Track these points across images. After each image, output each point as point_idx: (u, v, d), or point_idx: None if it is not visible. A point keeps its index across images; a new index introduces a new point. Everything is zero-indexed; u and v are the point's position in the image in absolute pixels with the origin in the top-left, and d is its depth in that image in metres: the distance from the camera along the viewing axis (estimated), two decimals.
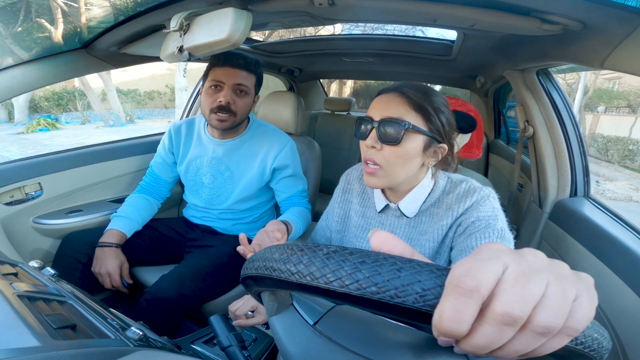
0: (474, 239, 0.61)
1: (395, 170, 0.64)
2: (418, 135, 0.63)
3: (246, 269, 0.34)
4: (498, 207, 0.66)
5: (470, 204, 0.65)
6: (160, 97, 12.63)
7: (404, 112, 0.62)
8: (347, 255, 0.25)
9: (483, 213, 0.63)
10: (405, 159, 0.63)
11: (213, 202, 1.22)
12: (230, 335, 0.55)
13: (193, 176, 1.21)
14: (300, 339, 0.37)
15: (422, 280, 0.22)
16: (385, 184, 0.67)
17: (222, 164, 1.17)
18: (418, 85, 0.65)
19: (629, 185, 7.53)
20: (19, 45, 0.89)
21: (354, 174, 0.84)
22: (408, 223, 0.72)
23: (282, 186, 1.21)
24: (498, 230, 0.61)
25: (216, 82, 1.05)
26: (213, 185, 1.19)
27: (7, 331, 0.30)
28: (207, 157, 1.18)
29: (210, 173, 1.19)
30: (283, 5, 0.78)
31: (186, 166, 1.22)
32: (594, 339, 0.23)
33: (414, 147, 0.63)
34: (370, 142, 0.64)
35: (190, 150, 1.21)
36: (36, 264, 0.53)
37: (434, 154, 0.66)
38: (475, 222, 0.63)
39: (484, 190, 0.67)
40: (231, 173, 1.18)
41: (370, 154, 0.65)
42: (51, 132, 8.82)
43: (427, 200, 0.70)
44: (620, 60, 0.61)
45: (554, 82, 1.15)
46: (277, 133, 1.22)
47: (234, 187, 1.18)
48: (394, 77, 2.30)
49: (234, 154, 1.17)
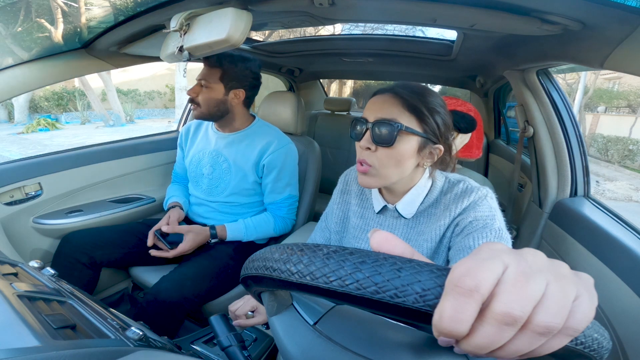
0: (472, 239, 0.61)
1: (388, 171, 0.64)
2: (412, 136, 0.62)
3: (246, 269, 0.34)
4: (496, 206, 0.66)
5: (468, 204, 0.65)
6: (160, 97, 12.63)
7: (397, 113, 0.62)
8: (347, 255, 0.25)
9: (480, 213, 0.63)
10: (398, 160, 0.63)
11: (212, 192, 1.24)
12: (230, 335, 0.55)
13: (195, 167, 1.26)
14: (300, 339, 0.37)
15: (422, 280, 0.22)
16: (379, 184, 0.67)
17: (222, 155, 1.21)
18: (413, 86, 0.65)
19: (629, 185, 7.53)
20: (19, 45, 0.89)
21: (352, 175, 0.84)
22: (406, 224, 0.72)
23: (268, 189, 1.22)
24: (496, 230, 0.61)
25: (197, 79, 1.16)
26: (212, 175, 1.23)
27: (7, 331, 0.30)
28: (209, 149, 1.24)
29: (210, 164, 1.23)
30: (283, 5, 0.78)
31: (191, 159, 1.28)
32: (594, 339, 0.23)
33: (407, 149, 0.62)
34: (364, 144, 0.64)
35: (196, 144, 1.29)
36: (36, 264, 0.53)
37: (430, 155, 0.66)
38: (473, 222, 0.63)
39: (481, 190, 0.66)
40: (229, 165, 1.20)
41: (364, 155, 0.65)
42: (51, 132, 8.82)
43: (425, 200, 0.70)
44: (620, 60, 0.61)
45: (554, 82, 1.15)
46: (279, 134, 1.25)
47: (231, 179, 1.21)
48: (394, 77, 2.30)
49: (233, 146, 1.21)
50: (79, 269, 1.05)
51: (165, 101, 12.65)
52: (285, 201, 1.24)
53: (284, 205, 1.24)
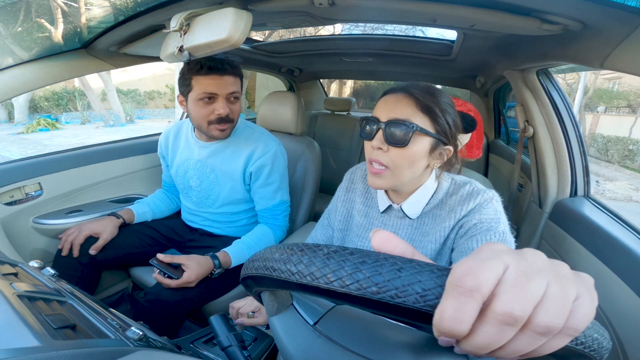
0: (475, 241, 0.61)
1: (402, 172, 0.64)
2: (425, 137, 0.62)
3: (246, 269, 0.34)
4: (501, 210, 0.65)
5: (473, 207, 0.65)
6: (160, 97, 12.62)
7: (411, 113, 0.61)
8: (347, 255, 0.25)
9: (485, 216, 0.63)
10: (412, 161, 0.63)
11: (202, 204, 1.21)
12: (230, 335, 0.55)
13: (182, 179, 1.21)
14: (300, 339, 0.37)
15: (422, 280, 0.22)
16: (390, 185, 0.66)
17: (207, 166, 1.15)
18: (425, 86, 0.65)
19: (629, 185, 7.53)
20: (19, 45, 0.89)
21: (358, 174, 0.83)
22: (411, 224, 0.72)
23: (258, 196, 1.16)
24: (500, 233, 0.61)
25: (209, 94, 1.00)
26: (200, 187, 1.18)
27: (7, 331, 0.30)
28: (193, 160, 1.17)
29: (197, 176, 1.17)
30: (283, 5, 0.78)
31: (176, 169, 1.22)
32: (594, 339, 0.23)
33: (420, 149, 0.62)
34: (376, 144, 0.63)
35: (178, 153, 1.21)
36: (36, 264, 0.53)
37: (440, 156, 0.66)
38: (477, 225, 0.63)
39: (487, 193, 0.66)
40: (216, 176, 1.15)
41: (376, 155, 0.64)
42: (51, 132, 8.81)
43: (431, 201, 0.70)
44: (620, 60, 0.61)
45: (554, 82, 1.15)
46: (264, 136, 1.17)
47: (220, 190, 1.16)
48: (394, 77, 2.30)
49: (217, 155, 1.14)
50: (79, 269, 1.05)
51: (165, 101, 12.64)
52: (279, 208, 1.18)
53: (278, 213, 1.18)
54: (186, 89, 1.03)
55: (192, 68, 1.00)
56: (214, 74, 1.00)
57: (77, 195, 1.26)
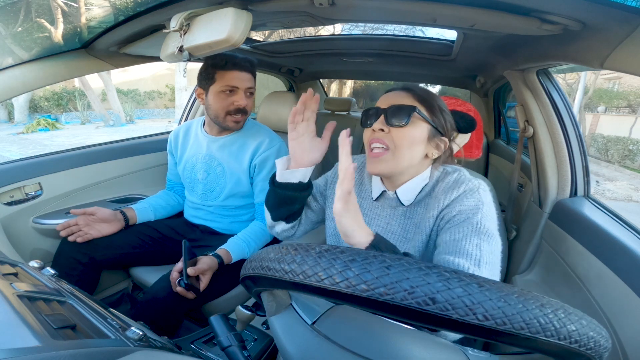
0: (449, 234, 0.60)
1: (403, 152, 0.65)
2: (423, 123, 0.66)
3: (245, 269, 0.34)
4: (487, 200, 0.63)
5: (456, 196, 0.64)
6: (161, 97, 12.63)
7: (410, 102, 0.66)
8: (338, 253, 0.25)
9: (465, 206, 0.62)
10: (412, 142, 0.65)
11: (207, 197, 1.23)
12: (230, 335, 0.55)
13: (189, 173, 1.24)
14: (298, 339, 0.37)
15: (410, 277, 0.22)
16: (390, 169, 0.67)
17: (215, 159, 1.20)
18: (423, 87, 0.71)
19: (629, 185, 7.53)
20: (19, 45, 0.89)
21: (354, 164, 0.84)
22: (403, 214, 0.72)
23: (259, 188, 1.20)
24: (474, 224, 0.59)
25: (231, 86, 1.11)
26: (207, 180, 1.22)
27: (7, 331, 0.30)
28: (202, 154, 1.22)
29: (204, 169, 1.21)
30: (283, 5, 0.78)
31: (184, 164, 1.26)
32: (590, 337, 0.23)
33: (419, 134, 0.66)
34: (378, 126, 0.67)
35: (188, 149, 1.26)
36: (36, 264, 0.54)
37: (437, 147, 0.69)
38: (456, 216, 0.62)
39: (472, 182, 0.65)
40: (223, 168, 1.20)
41: (377, 135, 0.67)
42: (51, 132, 8.82)
43: (424, 190, 0.70)
44: (620, 60, 0.61)
45: (554, 82, 1.15)
46: (271, 133, 1.24)
47: (226, 183, 1.20)
48: (394, 77, 2.29)
49: (226, 149, 1.20)
50: (79, 269, 1.05)
51: (166, 101, 12.66)
52: None
53: None
54: (208, 82, 1.12)
55: (216, 63, 1.10)
56: (237, 70, 1.10)
57: (77, 195, 1.27)
